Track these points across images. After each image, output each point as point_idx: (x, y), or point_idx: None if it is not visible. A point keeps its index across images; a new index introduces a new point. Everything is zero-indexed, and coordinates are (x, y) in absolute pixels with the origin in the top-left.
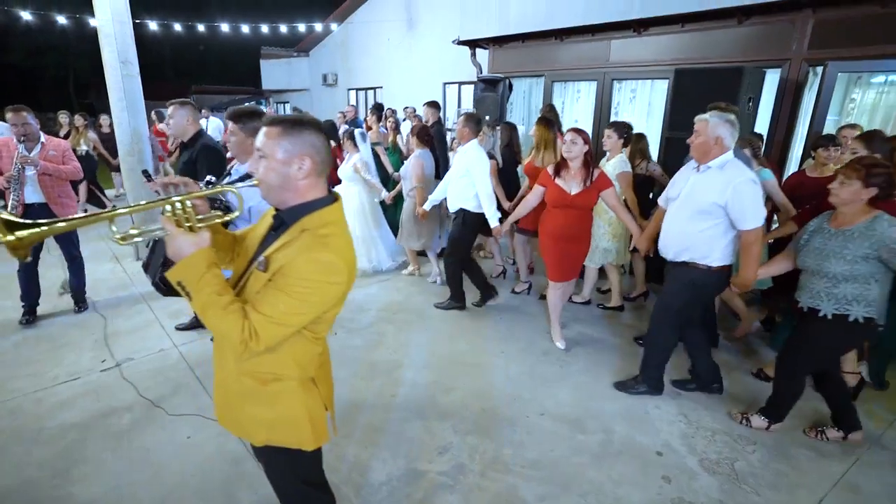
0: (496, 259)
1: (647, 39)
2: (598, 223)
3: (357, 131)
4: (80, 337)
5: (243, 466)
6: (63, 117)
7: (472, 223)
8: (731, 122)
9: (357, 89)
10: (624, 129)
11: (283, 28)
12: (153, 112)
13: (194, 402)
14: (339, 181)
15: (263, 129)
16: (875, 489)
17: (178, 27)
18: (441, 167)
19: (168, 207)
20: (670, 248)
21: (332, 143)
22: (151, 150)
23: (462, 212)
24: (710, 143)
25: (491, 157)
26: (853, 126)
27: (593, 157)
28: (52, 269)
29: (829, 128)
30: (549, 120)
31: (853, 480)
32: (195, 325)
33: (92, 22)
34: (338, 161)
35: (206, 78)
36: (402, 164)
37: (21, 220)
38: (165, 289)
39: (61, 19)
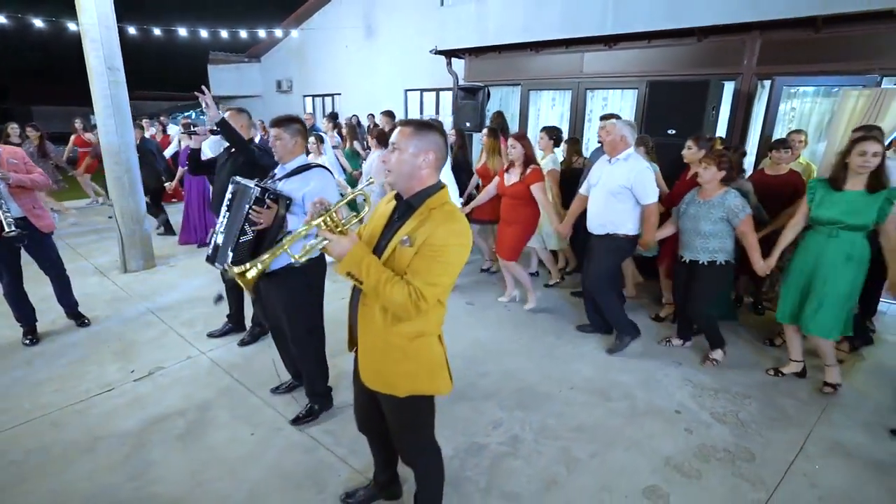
0: None
1: (618, 53)
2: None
3: (325, 136)
4: (94, 351)
5: (317, 455)
6: (13, 129)
7: None
8: (630, 125)
9: (313, 96)
10: (554, 132)
11: (243, 33)
12: (76, 119)
13: (244, 401)
14: None
15: (399, 128)
16: (847, 424)
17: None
18: None
19: (322, 219)
20: (596, 224)
21: None
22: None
23: None
24: (618, 140)
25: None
26: (799, 131)
27: (530, 158)
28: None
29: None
30: (495, 129)
31: (831, 418)
32: (226, 332)
33: (71, 26)
34: None
35: (144, 83)
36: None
37: (245, 267)
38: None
39: None
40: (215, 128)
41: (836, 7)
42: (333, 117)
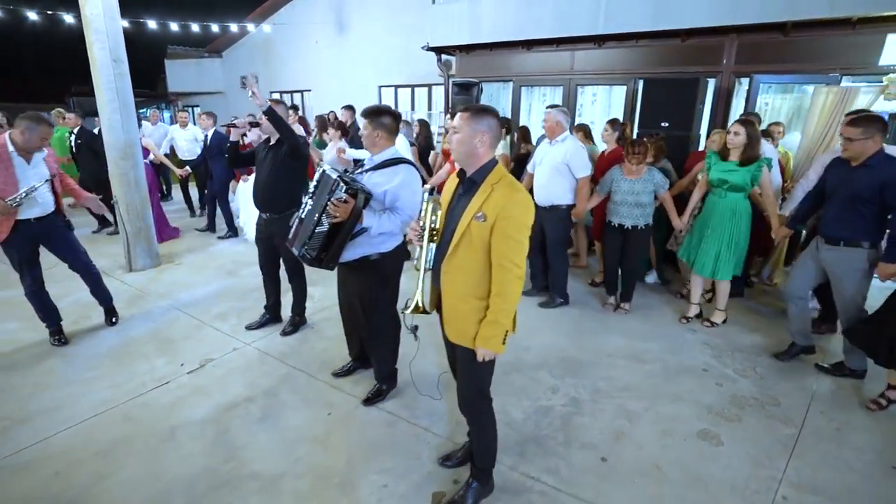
0: None
1: (607, 51)
2: None
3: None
4: (133, 348)
5: (399, 427)
6: None
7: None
8: (564, 112)
9: (281, 92)
10: (506, 122)
11: (215, 27)
12: None
13: (309, 386)
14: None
15: (458, 114)
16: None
17: (40, 17)
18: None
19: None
20: (542, 197)
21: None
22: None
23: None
24: (555, 125)
25: (412, 144)
26: (778, 123)
27: None
28: (56, 284)
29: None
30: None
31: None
32: (264, 323)
33: (67, 18)
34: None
35: (86, 78)
36: None
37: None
38: (311, 259)
39: None
40: (257, 119)
41: (803, 14)
42: (294, 109)
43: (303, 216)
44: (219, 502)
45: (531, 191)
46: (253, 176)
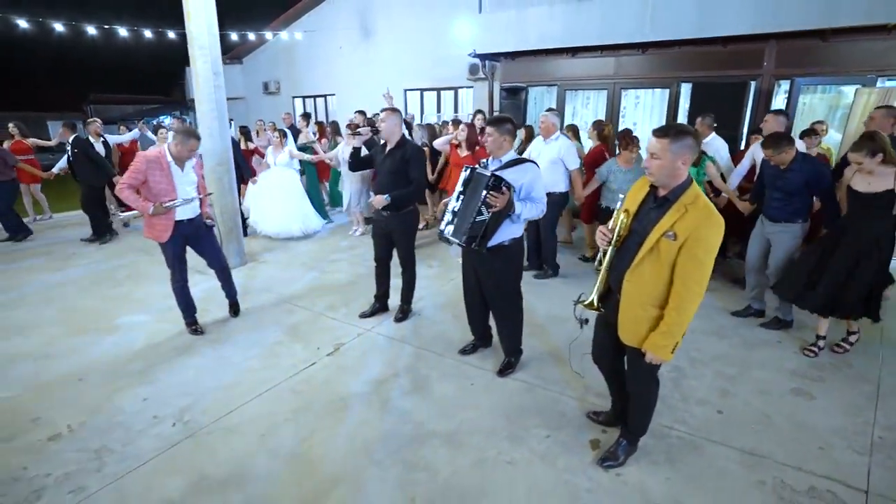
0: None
1: (650, 56)
2: None
3: (288, 132)
4: (268, 335)
5: (538, 392)
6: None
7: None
8: (557, 114)
9: (304, 97)
10: (528, 130)
11: (234, 36)
12: (11, 124)
13: (442, 363)
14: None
15: (655, 139)
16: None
17: (60, 28)
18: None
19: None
20: None
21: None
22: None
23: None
24: (550, 126)
25: (425, 146)
26: (821, 122)
27: (472, 141)
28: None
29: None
30: (458, 120)
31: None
32: (375, 311)
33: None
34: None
35: (108, 86)
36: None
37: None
38: (471, 245)
39: None
40: (377, 126)
41: (842, 21)
42: (307, 116)
43: (456, 209)
44: (415, 454)
45: None
46: (260, 179)
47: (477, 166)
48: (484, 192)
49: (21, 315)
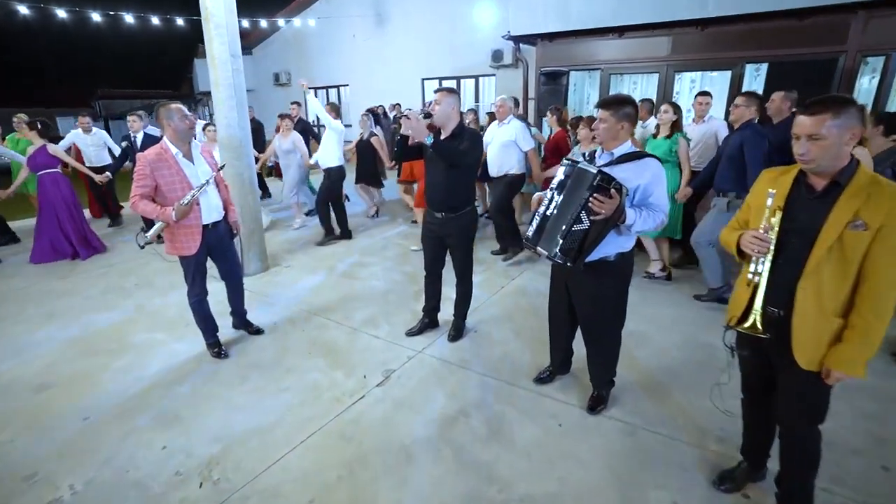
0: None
1: (710, 34)
2: None
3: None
4: (302, 360)
5: (641, 437)
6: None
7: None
8: (514, 99)
9: (316, 88)
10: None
11: (245, 23)
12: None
13: (515, 395)
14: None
15: (813, 117)
16: None
17: (63, 14)
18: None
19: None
20: (494, 168)
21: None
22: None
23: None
24: (507, 109)
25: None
26: None
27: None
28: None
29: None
30: (474, 111)
31: None
32: (423, 328)
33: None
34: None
35: (116, 81)
36: None
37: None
38: (563, 259)
39: None
40: (429, 111)
41: None
42: (297, 105)
43: (548, 212)
44: None
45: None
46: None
47: (580, 159)
48: (587, 194)
49: (20, 333)
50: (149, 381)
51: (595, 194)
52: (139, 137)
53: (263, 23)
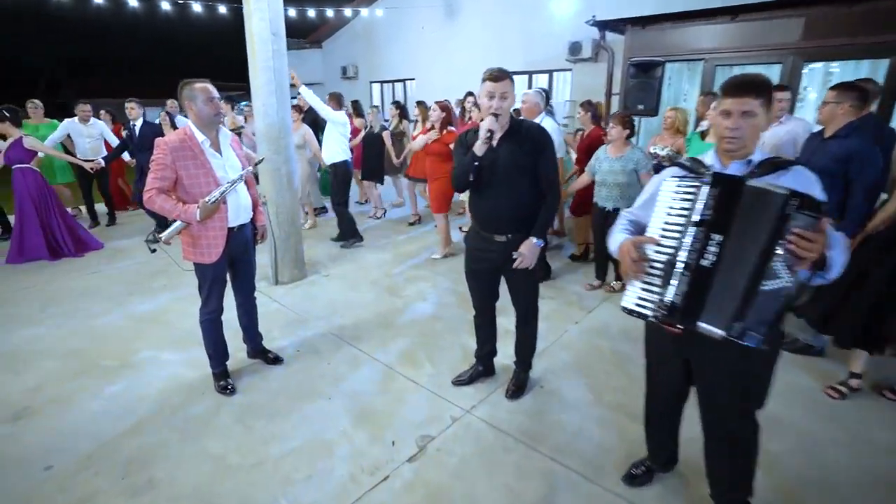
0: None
1: (857, 13)
2: None
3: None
4: (324, 409)
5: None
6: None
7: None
8: (540, 94)
9: (382, 82)
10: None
11: (311, 12)
12: (102, 110)
13: (593, 494)
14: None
15: None
16: None
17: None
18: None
19: None
20: None
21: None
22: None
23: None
24: (533, 107)
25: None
26: None
27: (447, 122)
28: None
29: None
30: (422, 102)
31: None
32: (476, 377)
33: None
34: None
35: (189, 73)
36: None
37: None
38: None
39: None
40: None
41: None
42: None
43: (701, 262)
44: None
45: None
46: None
47: (735, 174)
48: (773, 229)
49: (22, 338)
50: (134, 418)
51: (797, 228)
52: (138, 125)
53: (330, 12)
